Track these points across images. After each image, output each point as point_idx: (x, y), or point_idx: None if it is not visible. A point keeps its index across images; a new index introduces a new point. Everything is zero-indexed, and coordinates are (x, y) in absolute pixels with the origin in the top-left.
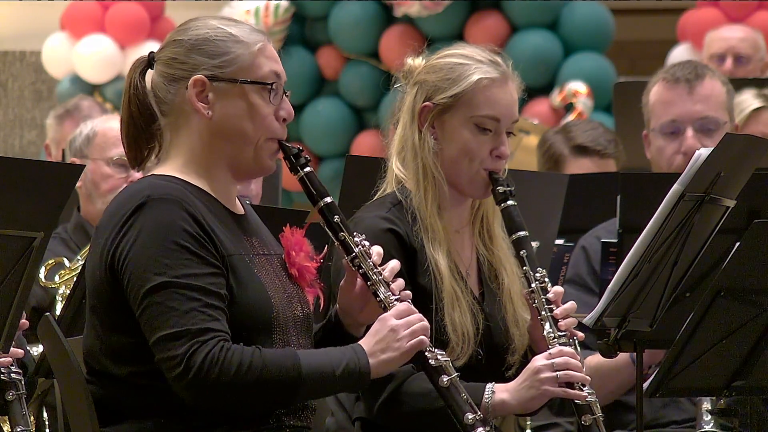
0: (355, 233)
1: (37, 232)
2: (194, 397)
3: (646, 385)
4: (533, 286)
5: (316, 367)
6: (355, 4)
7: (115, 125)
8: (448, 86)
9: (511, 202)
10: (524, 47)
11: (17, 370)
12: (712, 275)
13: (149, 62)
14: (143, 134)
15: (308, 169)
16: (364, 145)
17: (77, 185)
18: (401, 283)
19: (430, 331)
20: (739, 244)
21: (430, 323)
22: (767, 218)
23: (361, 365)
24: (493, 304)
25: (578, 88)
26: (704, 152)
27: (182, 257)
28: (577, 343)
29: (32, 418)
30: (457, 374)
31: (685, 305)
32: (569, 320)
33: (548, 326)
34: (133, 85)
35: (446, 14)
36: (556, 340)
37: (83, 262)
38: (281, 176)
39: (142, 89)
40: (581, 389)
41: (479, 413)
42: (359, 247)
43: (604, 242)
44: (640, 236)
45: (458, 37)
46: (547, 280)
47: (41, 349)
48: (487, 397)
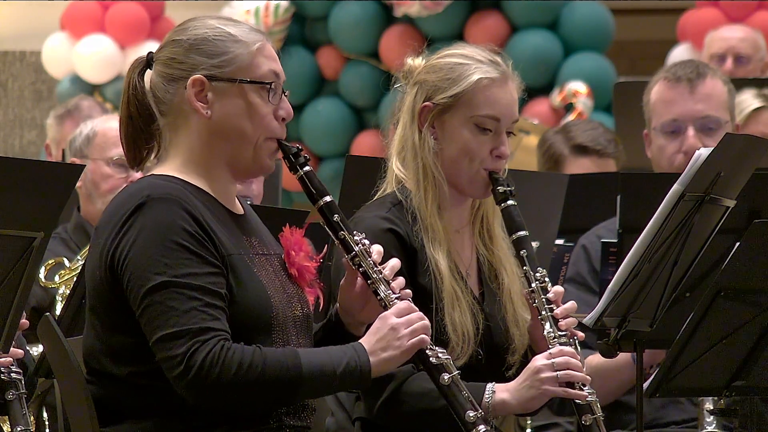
0: (354, 232)
1: (37, 232)
2: (195, 396)
3: (646, 385)
4: (533, 285)
5: (316, 365)
6: (355, 4)
7: (115, 125)
8: (448, 86)
9: (511, 201)
10: (524, 47)
11: (17, 370)
12: (712, 275)
13: (148, 62)
14: (142, 134)
15: (307, 168)
16: (364, 145)
17: (77, 185)
18: (401, 281)
19: (430, 329)
20: (739, 244)
21: (430, 323)
22: (767, 218)
23: (361, 364)
24: (493, 304)
25: (578, 88)
26: (704, 152)
27: (182, 257)
28: (577, 342)
29: (32, 418)
30: (458, 372)
31: (685, 305)
32: (569, 320)
33: (548, 326)
34: (131, 85)
35: (446, 14)
36: (556, 339)
37: (83, 262)
38: (281, 176)
39: (141, 89)
40: (581, 389)
41: (480, 411)
42: (359, 245)
43: (604, 242)
44: (640, 236)
45: (458, 37)
46: (547, 279)
47: (41, 349)
48: (487, 397)
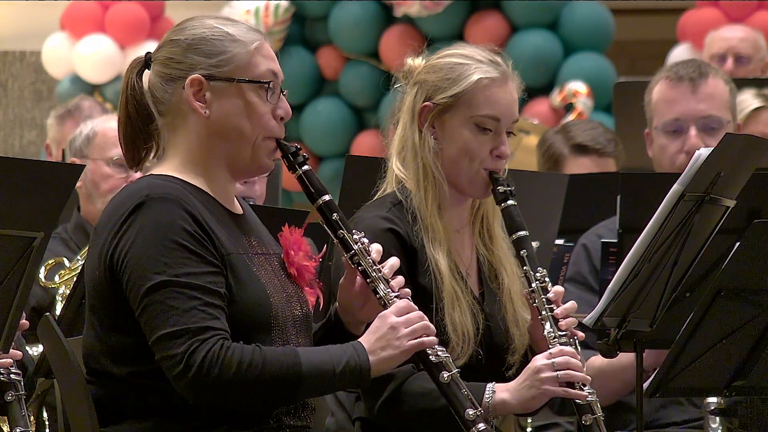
0: (353, 231)
1: (37, 232)
2: (195, 395)
3: (646, 385)
4: (533, 285)
5: (316, 364)
6: (355, 4)
7: (115, 125)
8: (448, 86)
9: (511, 201)
10: (524, 47)
11: (17, 371)
12: (712, 275)
13: (146, 62)
14: (141, 134)
15: (306, 167)
16: (364, 145)
17: (77, 185)
18: (401, 280)
19: (431, 328)
20: (739, 244)
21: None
22: (767, 218)
23: (361, 362)
24: (493, 304)
25: (578, 88)
26: (704, 152)
27: (181, 256)
28: (577, 342)
29: (32, 418)
30: (457, 370)
31: (685, 305)
32: (569, 320)
33: (548, 326)
34: (130, 85)
35: (446, 14)
36: (556, 339)
37: (83, 262)
38: (281, 176)
39: (139, 89)
40: (582, 389)
41: (480, 409)
42: (358, 244)
43: (604, 242)
44: (640, 236)
45: (458, 37)
46: (547, 279)
47: (41, 349)
48: (487, 396)
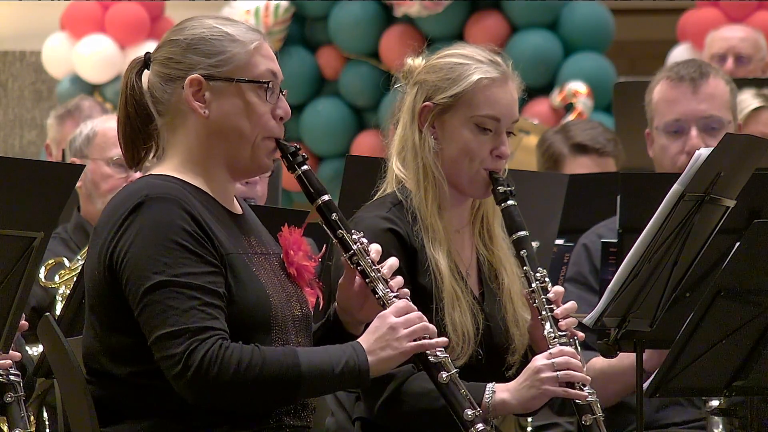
0: (353, 231)
1: (37, 232)
2: (194, 395)
3: (646, 385)
4: (533, 285)
5: (315, 365)
6: (355, 4)
7: (115, 125)
8: (448, 86)
9: (511, 202)
10: (524, 47)
11: (16, 372)
12: (712, 275)
13: (145, 62)
14: (140, 134)
15: (306, 167)
16: (364, 145)
17: (77, 185)
18: (400, 280)
19: (430, 328)
20: (739, 244)
21: (430, 323)
22: (767, 218)
23: (360, 363)
24: (493, 304)
25: (578, 88)
26: (704, 152)
27: (181, 256)
28: (577, 343)
29: (32, 418)
30: (456, 370)
31: (685, 305)
32: (569, 320)
33: (548, 326)
34: (129, 85)
35: (446, 14)
36: (556, 340)
37: (83, 262)
38: (281, 176)
39: (138, 89)
40: (581, 389)
41: (479, 409)
42: (357, 244)
43: (604, 242)
44: (640, 236)
45: (458, 37)
46: (547, 280)
47: (41, 349)
48: (487, 396)
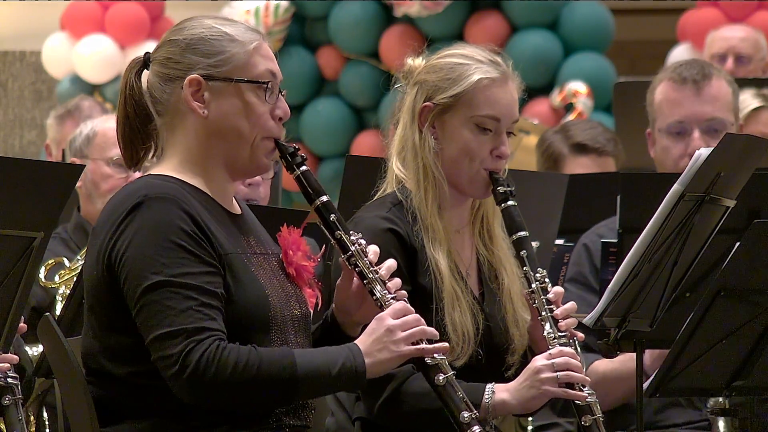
0: (351, 232)
1: (37, 232)
2: (190, 396)
3: (646, 385)
4: (533, 286)
5: (312, 366)
6: (355, 4)
7: (115, 125)
8: (448, 86)
9: (511, 202)
10: (524, 47)
11: (14, 375)
12: (712, 275)
13: (145, 62)
14: (139, 134)
15: (304, 167)
16: (364, 145)
17: (77, 185)
18: (398, 282)
19: (428, 330)
20: (739, 244)
21: (430, 323)
22: (767, 218)
23: (357, 365)
24: (493, 304)
25: (578, 88)
26: (704, 152)
27: (179, 256)
28: (577, 343)
29: (32, 418)
30: (453, 372)
31: (685, 305)
32: (569, 320)
33: (548, 326)
34: (128, 85)
35: (446, 14)
36: (556, 340)
37: (83, 262)
38: (281, 176)
39: (138, 89)
40: (581, 390)
41: (475, 412)
42: (355, 245)
43: (604, 242)
44: (640, 236)
45: (458, 37)
46: (547, 280)
47: (41, 349)
48: (487, 397)
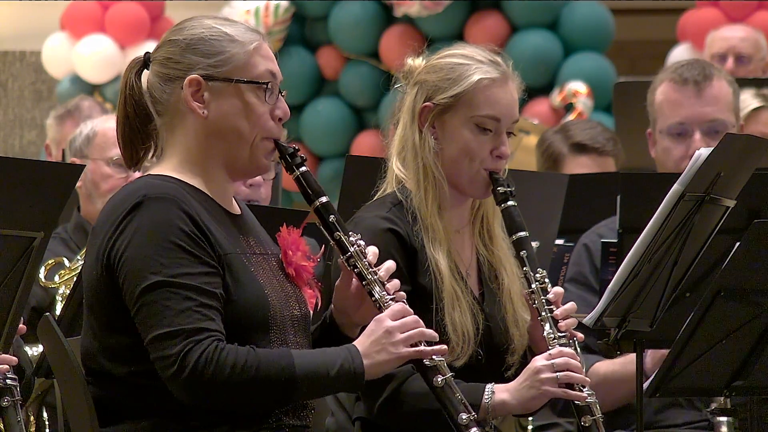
0: (350, 232)
1: (37, 232)
2: (189, 396)
3: (646, 385)
4: (533, 286)
5: (310, 367)
6: (355, 4)
7: (115, 125)
8: (448, 86)
9: (511, 202)
10: (524, 47)
11: (12, 376)
12: (712, 275)
13: (145, 62)
14: (139, 134)
15: (304, 168)
16: (364, 145)
17: (77, 185)
18: (396, 283)
19: (426, 333)
20: (739, 244)
21: (430, 323)
22: (767, 218)
23: (355, 366)
24: (493, 304)
25: (578, 88)
26: (704, 152)
27: (178, 256)
28: (577, 344)
29: (32, 418)
30: (451, 374)
31: (685, 305)
32: (569, 321)
33: (548, 327)
34: (128, 85)
35: (446, 14)
36: (556, 340)
37: (83, 262)
38: (281, 176)
39: (138, 89)
40: (581, 390)
41: (473, 413)
42: (354, 246)
43: (604, 242)
44: (640, 236)
45: (458, 37)
46: (547, 280)
47: (41, 349)
48: (486, 397)
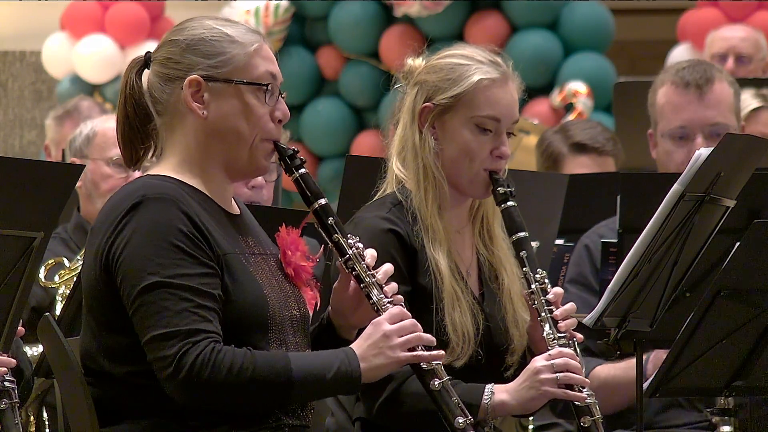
0: (349, 235)
1: (37, 232)
2: (185, 397)
3: (646, 385)
4: (533, 287)
5: (307, 370)
6: (355, 4)
7: (114, 125)
8: (448, 87)
9: (511, 202)
10: (524, 47)
11: (11, 378)
12: (712, 275)
13: (145, 62)
14: (138, 134)
15: (303, 170)
16: (364, 145)
17: (77, 185)
18: (394, 286)
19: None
20: (739, 244)
21: (430, 323)
22: (767, 218)
23: (352, 369)
24: (493, 304)
25: (578, 88)
26: (704, 152)
27: (176, 257)
28: (576, 344)
29: (32, 418)
30: (448, 378)
31: (685, 305)
32: (569, 321)
33: (548, 327)
34: (129, 85)
35: (446, 14)
36: (555, 341)
37: (82, 262)
38: (281, 177)
39: (138, 89)
40: (581, 391)
41: (470, 417)
42: (353, 249)
43: (604, 242)
44: (640, 236)
45: (458, 37)
46: (546, 281)
47: (41, 349)
48: (486, 397)
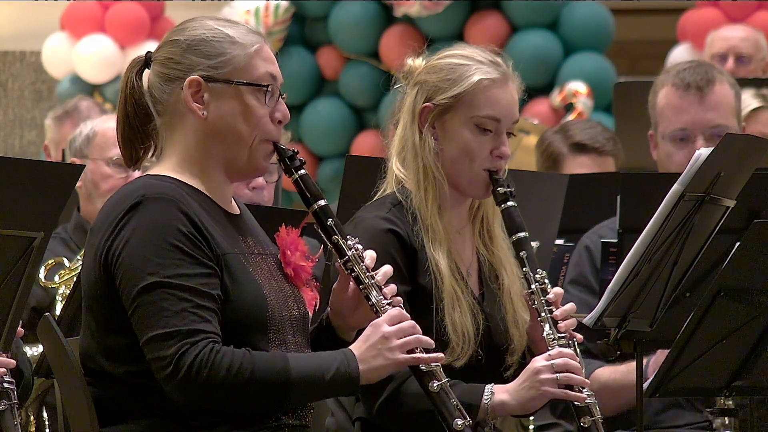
0: (348, 236)
1: (37, 232)
2: (183, 397)
3: (646, 385)
4: (533, 287)
5: (305, 371)
6: (355, 4)
7: (114, 125)
8: (448, 87)
9: (511, 202)
10: (524, 47)
11: (10, 379)
12: (712, 275)
13: (146, 62)
14: (138, 134)
15: (303, 171)
16: (364, 145)
17: (77, 185)
18: (394, 288)
19: (426, 333)
20: (739, 244)
21: (430, 323)
22: (767, 218)
23: (351, 370)
24: (493, 304)
25: (578, 88)
26: (704, 152)
27: (175, 257)
28: (576, 345)
29: (32, 418)
30: (447, 380)
31: (685, 305)
32: (569, 322)
33: (548, 327)
34: (129, 84)
35: (446, 14)
36: (555, 341)
37: (82, 262)
38: (281, 177)
39: (138, 89)
40: (581, 391)
41: (468, 419)
42: (352, 250)
43: (604, 242)
44: (640, 236)
45: (458, 37)
46: (546, 281)
47: (41, 349)
48: (486, 397)
